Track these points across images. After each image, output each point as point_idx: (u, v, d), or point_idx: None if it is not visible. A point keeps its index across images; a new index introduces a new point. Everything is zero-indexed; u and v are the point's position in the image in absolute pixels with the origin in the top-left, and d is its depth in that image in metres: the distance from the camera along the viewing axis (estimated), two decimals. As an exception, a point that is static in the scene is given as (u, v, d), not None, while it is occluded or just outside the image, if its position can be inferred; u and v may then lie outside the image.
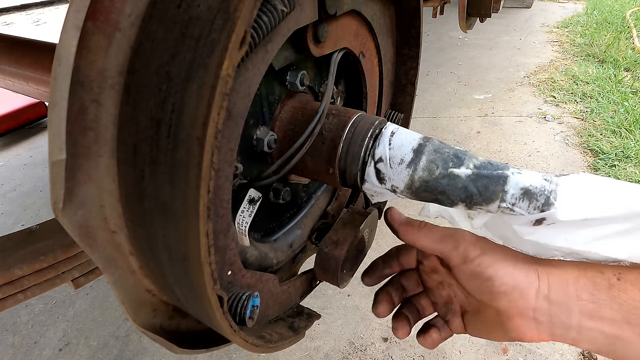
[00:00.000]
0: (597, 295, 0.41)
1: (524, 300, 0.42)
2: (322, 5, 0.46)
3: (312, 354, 1.35)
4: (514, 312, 0.43)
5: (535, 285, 0.43)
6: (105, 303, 1.55)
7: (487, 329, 0.49)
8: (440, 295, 0.55)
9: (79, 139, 0.31)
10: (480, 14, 1.77)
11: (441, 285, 0.54)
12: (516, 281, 0.43)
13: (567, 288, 0.42)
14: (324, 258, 0.52)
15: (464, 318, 0.53)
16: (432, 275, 0.55)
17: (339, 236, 0.53)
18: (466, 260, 0.46)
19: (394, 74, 0.75)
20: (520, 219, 0.44)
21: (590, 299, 0.41)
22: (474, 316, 0.51)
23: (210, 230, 0.31)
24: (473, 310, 0.51)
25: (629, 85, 2.97)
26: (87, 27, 0.29)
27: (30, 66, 1.23)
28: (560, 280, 0.42)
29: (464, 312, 0.53)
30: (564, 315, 0.41)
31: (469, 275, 0.47)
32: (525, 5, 5.47)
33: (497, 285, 0.44)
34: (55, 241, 0.52)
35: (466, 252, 0.47)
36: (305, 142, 0.49)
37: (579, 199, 0.42)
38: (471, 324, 0.51)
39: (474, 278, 0.46)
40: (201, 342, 0.46)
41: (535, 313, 0.42)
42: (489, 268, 0.45)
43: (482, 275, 0.45)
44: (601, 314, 0.40)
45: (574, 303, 0.41)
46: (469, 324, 0.52)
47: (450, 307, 0.54)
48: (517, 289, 0.43)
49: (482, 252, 0.46)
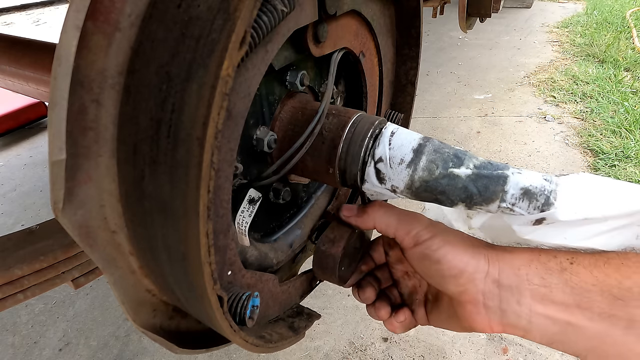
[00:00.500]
0: (549, 280, 0.40)
1: (473, 285, 0.42)
2: (322, 5, 0.46)
3: (312, 354, 1.35)
4: (465, 298, 0.43)
5: (484, 269, 0.42)
6: (105, 303, 1.55)
7: (445, 318, 0.49)
8: (405, 286, 0.56)
9: (79, 139, 0.32)
10: (480, 14, 1.77)
11: (406, 276, 0.56)
12: (465, 264, 0.43)
13: (518, 272, 0.41)
14: (321, 256, 0.53)
15: (426, 308, 0.53)
16: (398, 266, 0.56)
17: (336, 234, 0.53)
18: (417, 242, 0.47)
19: (394, 74, 0.75)
20: (520, 219, 0.44)
21: (541, 283, 0.40)
22: (434, 305, 0.52)
23: (210, 230, 0.31)
24: (433, 298, 0.52)
25: (629, 85, 2.97)
26: (87, 27, 0.29)
27: (30, 66, 1.23)
28: (511, 265, 0.42)
29: (427, 301, 0.54)
30: (514, 300, 0.41)
31: (419, 257, 0.47)
32: (525, 5, 5.47)
33: (445, 268, 0.44)
34: (55, 241, 0.52)
35: (418, 235, 0.47)
36: (305, 142, 0.49)
37: (579, 198, 0.42)
38: (432, 313, 0.52)
39: (423, 260, 0.46)
40: (201, 342, 0.46)
41: (484, 298, 0.42)
42: (438, 251, 0.45)
43: (431, 257, 0.45)
44: (552, 298, 0.39)
45: (525, 287, 0.40)
46: (430, 313, 0.52)
47: (415, 297, 0.55)
48: (465, 273, 0.43)
49: (432, 235, 0.46)
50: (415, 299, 0.55)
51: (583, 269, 0.39)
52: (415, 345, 1.36)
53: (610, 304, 0.37)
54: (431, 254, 0.45)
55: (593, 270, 0.39)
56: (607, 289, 0.37)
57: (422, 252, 0.46)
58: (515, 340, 1.36)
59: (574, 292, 0.39)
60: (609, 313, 0.37)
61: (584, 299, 0.38)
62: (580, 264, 0.40)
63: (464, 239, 0.46)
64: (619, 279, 0.37)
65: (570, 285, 0.39)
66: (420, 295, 0.55)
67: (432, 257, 0.45)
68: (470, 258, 0.43)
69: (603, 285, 0.38)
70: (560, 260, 0.40)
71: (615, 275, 0.38)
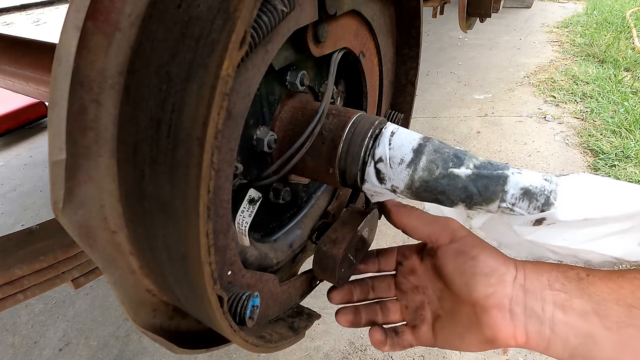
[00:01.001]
0: (568, 286, 0.42)
1: (502, 286, 0.44)
2: (322, 5, 0.46)
3: (312, 354, 1.35)
4: (492, 302, 0.43)
5: (512, 272, 0.44)
6: (105, 303, 1.55)
7: (459, 333, 0.48)
8: (412, 300, 0.54)
9: (79, 139, 0.31)
10: (480, 14, 1.77)
11: (416, 290, 0.54)
12: (498, 265, 0.45)
13: (541, 278, 0.44)
14: (322, 256, 0.53)
15: (435, 325, 0.52)
16: (409, 277, 0.55)
17: (338, 235, 0.53)
18: (454, 239, 0.49)
19: (394, 74, 0.75)
20: (520, 219, 0.44)
21: (561, 289, 0.42)
22: (447, 320, 0.50)
23: (210, 230, 0.31)
24: (446, 314, 0.50)
25: (629, 85, 2.97)
26: (87, 27, 0.29)
27: (30, 66, 1.23)
28: (535, 272, 0.44)
29: (436, 318, 0.52)
30: (538, 306, 0.42)
31: (454, 253, 0.48)
32: (525, 5, 5.47)
33: (480, 265, 0.45)
34: (55, 241, 0.52)
35: (455, 232, 0.49)
36: (305, 142, 0.49)
37: (579, 199, 0.42)
38: (443, 329, 0.51)
39: (458, 256, 0.47)
40: (201, 342, 0.46)
41: (511, 303, 0.43)
42: (475, 248, 0.47)
43: (468, 254, 0.47)
44: (571, 305, 0.41)
45: (547, 292, 0.43)
46: (440, 330, 0.51)
47: (420, 313, 0.53)
48: (497, 273, 0.44)
49: (468, 234, 0.49)
50: (420, 315, 0.53)
51: (598, 280, 0.41)
52: (415, 345, 1.36)
53: (627, 313, 0.39)
54: (468, 250, 0.47)
55: (608, 282, 0.41)
56: (622, 298, 0.39)
57: (458, 248, 0.48)
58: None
59: (592, 300, 0.41)
60: (627, 322, 0.39)
61: (601, 307, 0.40)
62: (595, 276, 0.42)
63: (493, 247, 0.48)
64: (632, 290, 0.39)
65: (588, 293, 0.41)
66: (427, 311, 0.53)
67: (469, 253, 0.47)
68: (503, 260, 0.46)
69: (618, 295, 0.40)
70: (577, 271, 0.43)
71: (628, 287, 0.40)
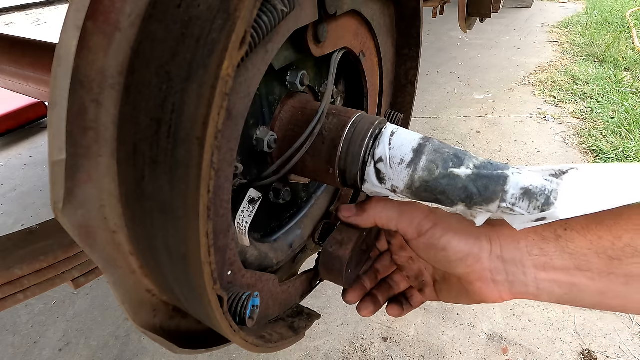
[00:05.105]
0: (547, 249, 0.43)
1: (480, 264, 0.45)
2: (322, 4, 0.46)
3: (312, 354, 1.35)
4: (473, 277, 0.45)
5: (487, 248, 0.45)
6: (105, 303, 1.55)
7: (455, 294, 0.52)
8: (411, 269, 0.57)
9: (79, 139, 0.31)
10: (480, 14, 1.77)
11: (411, 260, 0.57)
12: (470, 247, 0.45)
13: (518, 245, 0.44)
14: (328, 258, 0.52)
15: (435, 286, 0.56)
16: (401, 253, 0.57)
17: (344, 236, 0.53)
18: (420, 233, 0.48)
19: (394, 74, 0.75)
20: (520, 218, 0.44)
21: (540, 253, 0.43)
22: (442, 284, 0.54)
23: (210, 230, 0.31)
24: (441, 279, 0.54)
25: (629, 85, 2.97)
26: (87, 27, 0.29)
27: (30, 66, 1.24)
28: (511, 240, 0.44)
29: (434, 281, 0.56)
30: (519, 272, 0.44)
31: (424, 247, 0.48)
32: (525, 5, 5.47)
33: (451, 254, 0.46)
34: (55, 241, 0.52)
35: (420, 225, 0.48)
36: (305, 143, 0.49)
37: (580, 197, 0.42)
38: (442, 291, 0.54)
39: (429, 249, 0.48)
40: (201, 342, 0.46)
41: (492, 274, 0.45)
42: (442, 239, 0.47)
43: (437, 246, 0.47)
44: (553, 265, 0.42)
45: (527, 259, 0.43)
46: (440, 292, 0.55)
47: (422, 278, 0.57)
48: (471, 255, 0.45)
49: (434, 224, 0.48)
50: (422, 280, 0.57)
51: (577, 234, 0.42)
52: (415, 345, 1.36)
53: (608, 264, 0.40)
54: (436, 243, 0.47)
55: (587, 235, 0.41)
56: (602, 250, 0.40)
57: (426, 242, 0.48)
58: (515, 340, 1.36)
59: (572, 257, 0.42)
60: (607, 272, 0.40)
61: (582, 262, 0.41)
62: (573, 229, 0.42)
63: (464, 223, 0.48)
64: (611, 240, 0.40)
65: (568, 252, 0.42)
66: (426, 276, 0.56)
67: (438, 245, 0.47)
68: (474, 240, 0.45)
69: (598, 248, 0.41)
70: (555, 227, 0.43)
71: (607, 237, 0.40)
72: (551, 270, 0.42)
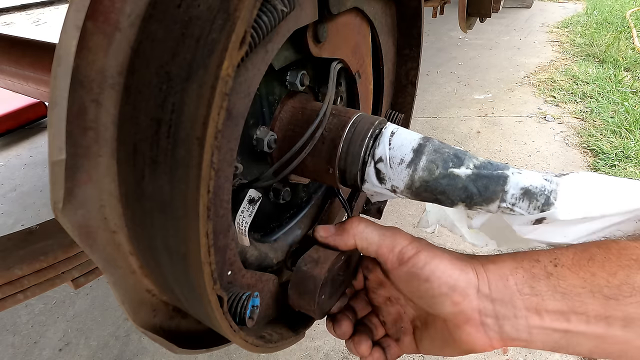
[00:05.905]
0: (538, 287, 0.39)
1: (467, 301, 0.40)
2: (325, 4, 0.46)
3: (312, 354, 1.35)
4: (461, 319, 0.41)
5: (474, 283, 0.41)
6: (105, 303, 1.55)
7: (439, 343, 0.46)
8: (388, 313, 0.51)
9: (79, 139, 0.31)
10: (480, 14, 1.77)
11: (389, 302, 0.51)
12: (455, 280, 0.41)
13: (507, 283, 0.40)
14: (301, 277, 0.46)
15: (415, 335, 0.49)
16: (379, 291, 0.52)
17: (321, 254, 0.48)
18: (402, 260, 0.44)
19: (395, 74, 0.75)
20: (520, 218, 0.44)
21: (531, 292, 0.39)
22: (424, 331, 0.48)
23: (210, 230, 0.31)
24: (422, 325, 0.48)
25: (629, 85, 2.97)
26: (87, 27, 0.29)
27: (30, 66, 1.24)
28: (499, 276, 0.41)
29: (414, 327, 0.49)
30: (510, 313, 0.40)
31: (406, 277, 0.44)
32: (525, 5, 5.47)
33: (436, 287, 0.42)
34: (55, 241, 0.52)
35: (402, 252, 0.45)
36: (305, 146, 0.49)
37: (579, 198, 0.42)
38: (423, 340, 0.48)
39: (411, 280, 0.44)
40: (201, 342, 0.46)
41: (481, 316, 0.40)
42: (425, 267, 0.42)
43: (419, 276, 0.43)
44: (546, 307, 0.39)
45: (517, 298, 0.39)
46: (420, 341, 0.49)
47: (400, 325, 0.50)
48: (457, 289, 0.41)
49: (417, 251, 0.44)
50: (400, 327, 0.50)
51: (568, 271, 0.38)
52: (415, 345, 1.36)
53: (604, 306, 0.37)
54: (419, 272, 0.43)
55: (579, 272, 0.38)
56: (597, 289, 0.37)
57: (408, 271, 0.44)
58: (515, 340, 1.36)
59: (565, 297, 0.38)
60: (605, 314, 0.37)
61: (577, 303, 0.38)
62: (564, 265, 0.39)
63: (448, 253, 0.44)
64: (606, 277, 0.37)
65: (560, 291, 0.38)
66: (406, 322, 0.50)
67: (421, 276, 0.43)
68: (460, 272, 0.42)
69: (592, 287, 0.37)
70: (544, 264, 0.40)
71: (601, 274, 0.37)
72: (544, 313, 0.39)
